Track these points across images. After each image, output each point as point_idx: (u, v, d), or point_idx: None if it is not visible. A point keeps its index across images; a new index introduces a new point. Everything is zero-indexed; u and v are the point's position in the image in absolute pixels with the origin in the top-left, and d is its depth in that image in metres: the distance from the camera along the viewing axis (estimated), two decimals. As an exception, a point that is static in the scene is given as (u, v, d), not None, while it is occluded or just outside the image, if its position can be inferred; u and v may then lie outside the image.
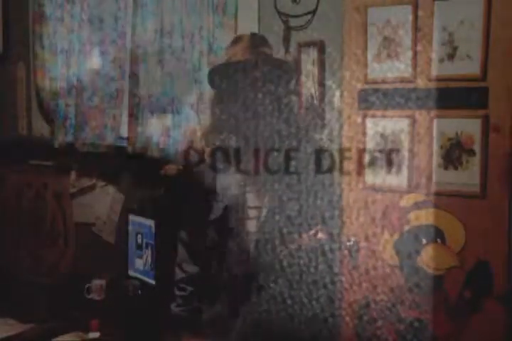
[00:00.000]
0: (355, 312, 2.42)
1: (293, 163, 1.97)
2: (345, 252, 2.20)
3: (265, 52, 2.07)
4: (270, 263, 1.94)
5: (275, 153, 1.95)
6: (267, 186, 1.98)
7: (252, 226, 1.97)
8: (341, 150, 2.46)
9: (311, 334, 1.95)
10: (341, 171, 2.45)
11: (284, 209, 1.94)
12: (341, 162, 2.45)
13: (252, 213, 1.99)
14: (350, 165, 2.41)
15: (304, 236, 1.91)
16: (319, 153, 2.40)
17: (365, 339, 2.42)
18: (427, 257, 2.25)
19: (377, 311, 2.37)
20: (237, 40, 2.11)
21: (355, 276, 2.40)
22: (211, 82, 2.13)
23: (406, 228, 2.30)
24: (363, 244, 2.36)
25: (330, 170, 2.10)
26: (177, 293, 2.20)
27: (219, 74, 2.06)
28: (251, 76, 1.98)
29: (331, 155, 2.53)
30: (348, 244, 2.08)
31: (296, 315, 1.92)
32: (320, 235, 1.92)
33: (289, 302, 1.93)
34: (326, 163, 2.06)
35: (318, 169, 2.30)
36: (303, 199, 1.95)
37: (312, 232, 1.92)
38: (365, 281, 2.39)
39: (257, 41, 2.09)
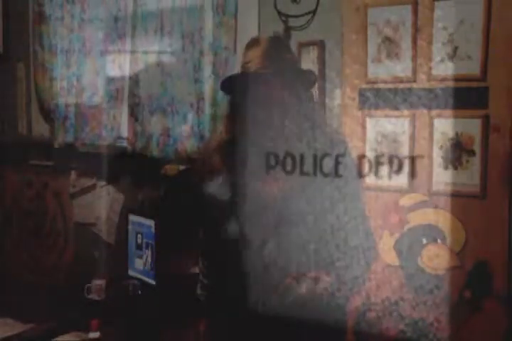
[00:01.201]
0: (355, 310, 2.42)
1: (291, 164, 1.90)
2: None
3: (285, 58, 1.85)
4: None
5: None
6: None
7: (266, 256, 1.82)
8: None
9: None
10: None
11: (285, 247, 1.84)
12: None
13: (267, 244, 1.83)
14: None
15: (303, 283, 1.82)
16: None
17: (364, 338, 2.42)
18: (427, 257, 2.25)
19: (377, 311, 2.37)
20: (253, 43, 1.87)
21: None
22: (224, 91, 1.98)
23: (406, 228, 2.30)
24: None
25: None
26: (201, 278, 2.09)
27: (232, 85, 1.89)
28: (265, 88, 1.79)
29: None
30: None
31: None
32: (323, 281, 1.81)
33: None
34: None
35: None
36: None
37: (312, 276, 1.81)
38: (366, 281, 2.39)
39: (276, 46, 1.86)
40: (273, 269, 1.83)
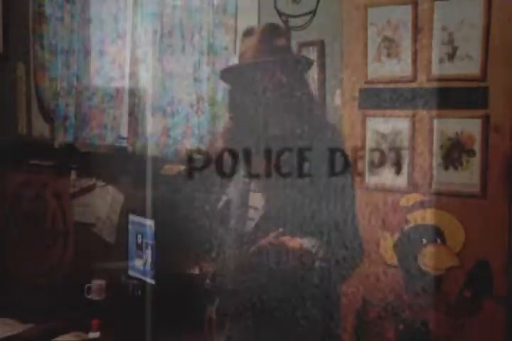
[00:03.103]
0: (355, 312, 2.42)
1: (290, 163, 1.94)
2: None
3: (280, 46, 1.90)
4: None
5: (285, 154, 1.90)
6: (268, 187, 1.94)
7: (249, 225, 1.94)
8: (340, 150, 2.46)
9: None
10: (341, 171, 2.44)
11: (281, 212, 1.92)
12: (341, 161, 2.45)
13: (251, 212, 1.94)
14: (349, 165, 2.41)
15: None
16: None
17: (364, 339, 2.42)
18: (427, 257, 2.25)
19: (377, 311, 2.37)
20: (248, 32, 1.93)
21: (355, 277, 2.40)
22: (224, 81, 2.05)
23: (406, 228, 2.30)
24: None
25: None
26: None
27: (230, 75, 1.97)
28: (258, 78, 1.87)
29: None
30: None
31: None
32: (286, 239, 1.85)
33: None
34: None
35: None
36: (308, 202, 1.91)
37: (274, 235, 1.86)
38: (365, 281, 2.39)
39: (271, 33, 1.90)
40: None
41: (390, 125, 2.32)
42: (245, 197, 1.95)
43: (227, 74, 2.00)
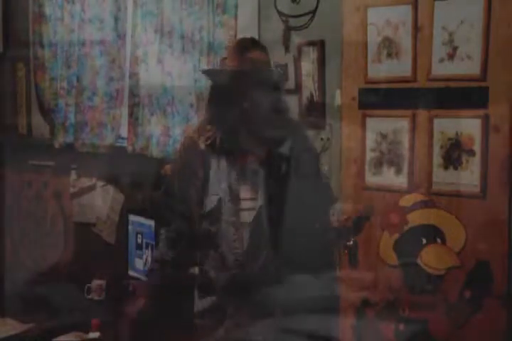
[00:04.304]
0: (355, 312, 2.42)
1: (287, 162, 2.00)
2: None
3: (253, 58, 2.07)
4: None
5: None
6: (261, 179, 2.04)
7: (246, 217, 2.03)
8: (341, 150, 2.46)
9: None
10: (341, 170, 2.45)
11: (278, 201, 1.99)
12: (341, 161, 2.46)
13: (245, 204, 2.03)
14: (349, 165, 2.42)
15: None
16: (318, 152, 2.41)
17: (364, 339, 2.42)
18: (427, 257, 2.25)
19: (377, 311, 2.37)
20: (229, 43, 2.19)
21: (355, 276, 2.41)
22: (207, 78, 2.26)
23: (406, 228, 2.30)
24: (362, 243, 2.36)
25: (329, 169, 2.10)
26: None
27: (210, 77, 2.17)
28: (235, 84, 2.04)
29: (331, 155, 2.53)
30: (348, 243, 2.08)
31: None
32: None
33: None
34: (325, 162, 2.07)
35: (317, 168, 2.31)
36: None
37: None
38: (365, 281, 2.39)
39: (245, 47, 2.09)
40: None
41: (390, 125, 2.32)
42: (237, 191, 2.06)
43: (207, 74, 2.24)
